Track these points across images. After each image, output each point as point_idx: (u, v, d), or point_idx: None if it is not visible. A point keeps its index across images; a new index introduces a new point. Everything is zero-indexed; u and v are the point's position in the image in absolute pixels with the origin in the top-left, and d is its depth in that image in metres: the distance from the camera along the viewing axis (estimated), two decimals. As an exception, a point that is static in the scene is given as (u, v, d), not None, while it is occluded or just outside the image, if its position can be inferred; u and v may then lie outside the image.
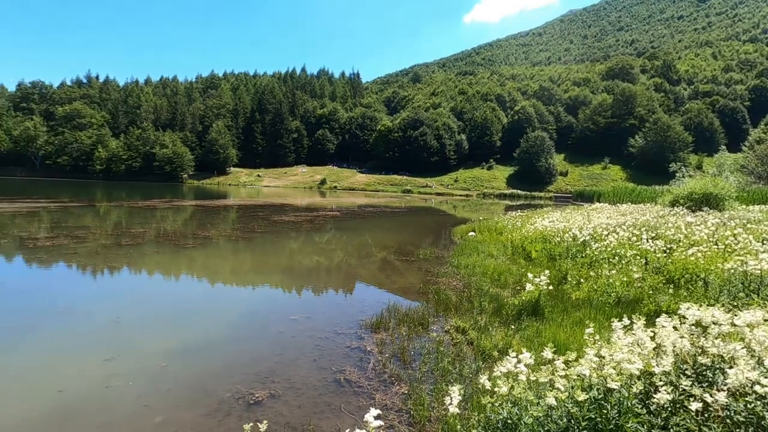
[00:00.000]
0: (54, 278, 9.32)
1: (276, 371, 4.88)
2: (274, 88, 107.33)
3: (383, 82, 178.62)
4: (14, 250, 11.90)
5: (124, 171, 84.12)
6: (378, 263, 12.14)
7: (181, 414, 3.97)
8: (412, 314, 6.72)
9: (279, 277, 10.11)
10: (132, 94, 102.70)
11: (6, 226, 16.76)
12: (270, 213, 26.00)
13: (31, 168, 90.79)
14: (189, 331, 6.28)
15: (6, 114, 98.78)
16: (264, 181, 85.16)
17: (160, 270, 10.47)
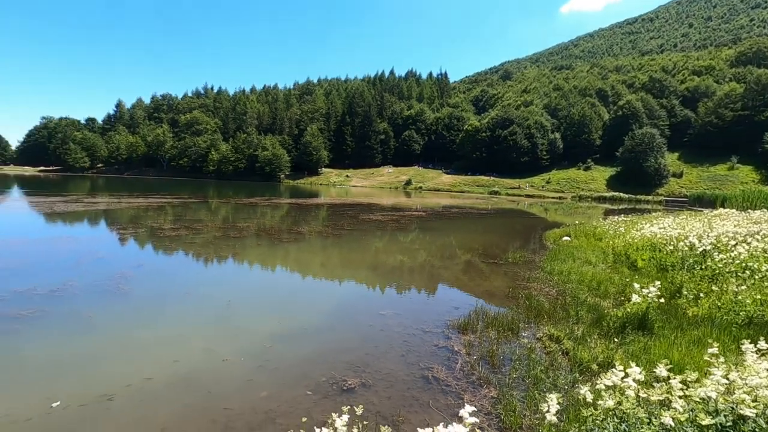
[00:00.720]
0: (178, 263, 10.76)
1: (366, 362, 5.09)
2: (363, 91, 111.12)
3: (471, 81, 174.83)
4: (148, 237, 13.96)
5: (232, 171, 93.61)
6: (462, 265, 11.96)
7: (283, 392, 4.35)
8: (501, 318, 6.52)
9: (365, 273, 10.48)
10: (240, 102, 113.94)
11: (141, 217, 19.71)
12: (358, 212, 27.01)
13: (159, 168, 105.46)
14: (288, 318, 6.82)
15: (143, 123, 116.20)
16: (352, 181, 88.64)
17: (261, 261, 11.49)
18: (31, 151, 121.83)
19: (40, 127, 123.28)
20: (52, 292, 7.40)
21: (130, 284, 8.16)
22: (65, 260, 10.02)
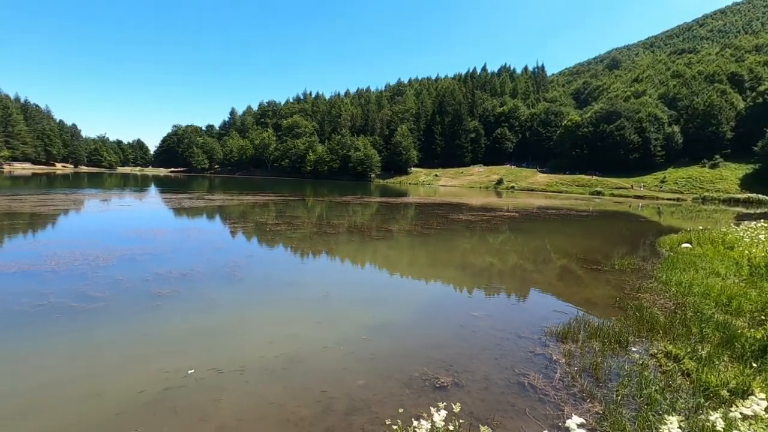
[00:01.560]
0: (280, 255, 11.74)
1: (459, 361, 5.08)
2: (454, 89, 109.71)
3: (571, 72, 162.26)
4: (255, 231, 15.46)
5: (326, 171, 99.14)
6: (557, 270, 11.21)
7: (378, 382, 4.54)
8: (607, 329, 6.00)
9: (453, 273, 10.38)
10: (335, 105, 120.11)
11: (249, 213, 21.87)
12: (446, 211, 26.79)
13: (264, 169, 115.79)
14: (380, 312, 7.07)
15: (251, 128, 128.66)
16: (441, 180, 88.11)
17: (353, 257, 12.02)
18: (164, 155, 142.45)
19: (171, 134, 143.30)
20: (183, 275, 8.61)
21: (243, 272, 9.15)
22: (192, 248, 11.55)
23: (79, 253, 10.22)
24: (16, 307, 6.40)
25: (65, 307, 6.51)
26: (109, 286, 7.62)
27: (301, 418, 3.88)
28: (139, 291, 7.46)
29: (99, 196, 30.42)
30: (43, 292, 7.14)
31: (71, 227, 15.39)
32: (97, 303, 6.73)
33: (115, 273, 8.57)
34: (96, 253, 10.28)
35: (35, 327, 5.77)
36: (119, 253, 10.49)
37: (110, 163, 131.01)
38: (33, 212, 18.71)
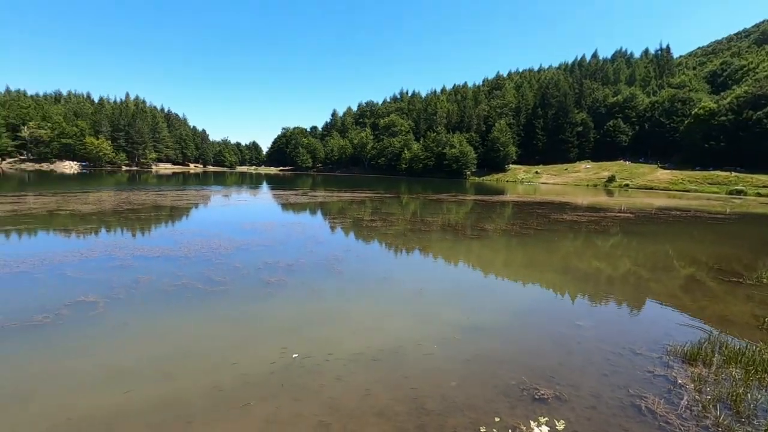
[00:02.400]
0: (376, 250, 12.09)
1: (561, 373, 4.71)
2: (558, 80, 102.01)
3: (705, 53, 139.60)
4: (352, 226, 16.15)
5: (421, 169, 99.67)
6: (681, 280, 9.74)
7: (472, 386, 4.42)
8: (752, 355, 5.05)
9: (554, 277, 9.65)
10: (431, 103, 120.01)
11: (347, 209, 22.94)
12: (548, 211, 25.08)
13: (362, 167, 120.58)
14: (475, 313, 6.88)
15: (351, 128, 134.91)
16: (542, 177, 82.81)
17: (446, 255, 11.87)
18: (275, 155, 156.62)
19: (281, 135, 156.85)
20: (289, 265, 9.36)
21: (341, 265, 9.64)
22: (297, 241, 12.50)
23: (206, 242, 11.72)
24: (159, 286, 7.57)
25: (194, 288, 7.51)
26: (229, 273, 8.60)
27: (395, 412, 3.95)
28: (253, 278, 8.30)
29: (222, 192, 34.57)
30: (178, 275, 8.34)
31: (200, 219, 17.72)
32: (219, 286, 7.64)
33: (234, 261, 9.64)
34: (219, 243, 11.69)
35: (173, 303, 6.77)
36: (237, 243, 11.78)
37: (231, 163, 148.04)
38: (172, 205, 21.98)
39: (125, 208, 19.80)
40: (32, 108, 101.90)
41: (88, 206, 20.48)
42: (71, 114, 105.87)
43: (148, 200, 24.33)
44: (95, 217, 16.59)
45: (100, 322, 5.91)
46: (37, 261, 9.04)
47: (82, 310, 6.25)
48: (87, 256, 9.75)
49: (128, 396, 4.13)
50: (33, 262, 8.96)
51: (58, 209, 18.78)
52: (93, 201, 23.10)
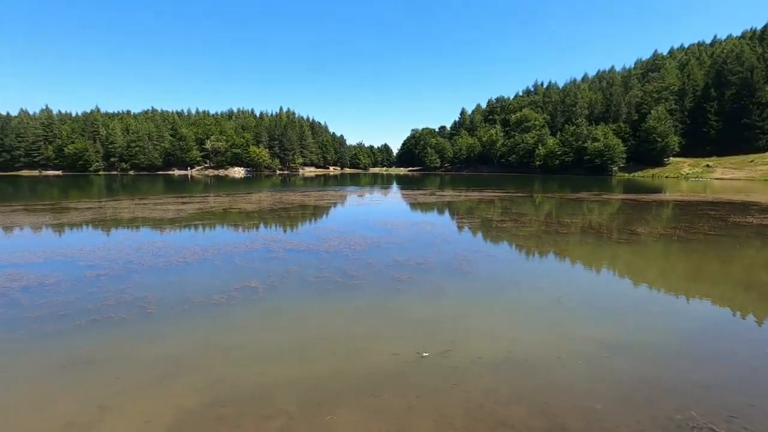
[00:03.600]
0: (506, 252, 11.54)
1: (749, 416, 3.80)
2: (741, 51, 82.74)
3: None
4: (481, 227, 15.72)
5: (557, 165, 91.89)
6: None
7: (622, 412, 3.89)
8: None
9: (729, 292, 7.85)
10: (569, 93, 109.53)
11: (475, 209, 22.43)
12: (724, 212, 20.60)
13: (491, 165, 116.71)
14: (625, 328, 6.04)
15: (480, 125, 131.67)
16: (715, 172, 68.53)
17: (587, 261, 10.68)
18: (404, 156, 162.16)
19: (410, 137, 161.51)
20: (419, 264, 9.58)
21: (470, 266, 9.48)
22: (425, 240, 12.72)
23: (343, 239, 12.75)
24: (305, 277, 8.52)
25: (333, 281, 8.24)
26: (363, 268, 9.20)
27: (528, 426, 3.71)
28: (385, 275, 8.73)
29: (356, 192, 37.21)
30: (320, 267, 9.25)
31: (338, 217, 19.37)
32: (355, 281, 8.24)
33: (367, 257, 10.28)
34: (354, 240, 12.60)
35: (315, 293, 7.54)
36: (370, 240, 12.54)
37: (365, 165, 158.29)
38: (315, 204, 24.51)
39: (278, 207, 22.80)
40: (213, 125, 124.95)
41: (251, 205, 24.17)
42: (239, 128, 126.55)
43: (296, 200, 27.57)
44: (256, 215, 19.48)
45: (260, 305, 6.92)
46: (216, 251, 11.03)
47: (247, 294, 7.40)
48: (250, 247, 11.51)
49: (277, 372, 4.75)
50: (213, 251, 10.96)
51: (229, 208, 22.60)
52: (254, 201, 27.17)
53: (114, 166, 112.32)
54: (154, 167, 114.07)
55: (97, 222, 17.00)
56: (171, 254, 10.52)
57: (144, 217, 18.31)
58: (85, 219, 17.73)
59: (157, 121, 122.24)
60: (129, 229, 15.15)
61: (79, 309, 6.57)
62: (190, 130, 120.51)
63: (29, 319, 6.19)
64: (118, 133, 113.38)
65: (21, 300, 7.01)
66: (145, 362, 4.96)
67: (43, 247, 11.47)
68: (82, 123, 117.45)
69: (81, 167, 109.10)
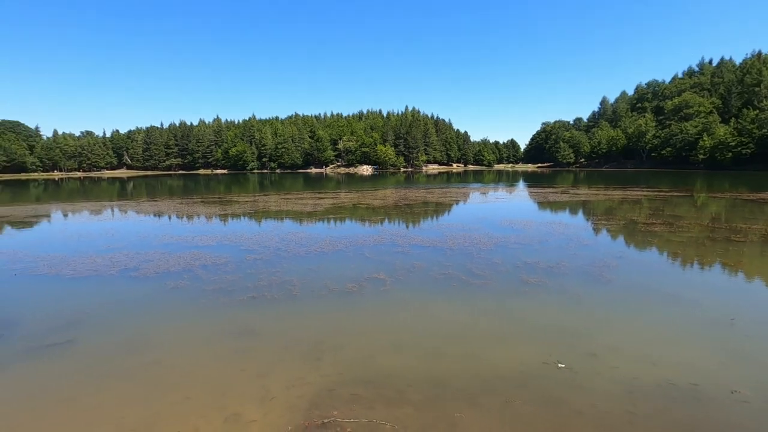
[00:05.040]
0: (656, 260, 9.95)
1: None
2: None
3: None
4: (624, 230, 13.88)
5: (729, 159, 75.90)
6: None
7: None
8: None
9: None
10: (750, 70, 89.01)
11: (617, 209, 19.89)
12: None
13: (638, 160, 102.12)
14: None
15: (624, 115, 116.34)
16: None
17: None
18: (533, 151, 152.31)
19: (540, 131, 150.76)
20: (550, 267, 8.94)
21: (611, 273, 8.48)
22: (557, 242, 11.78)
23: (467, 237, 12.59)
24: (430, 273, 8.66)
25: (458, 278, 8.20)
26: (489, 268, 8.96)
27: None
28: (512, 276, 8.37)
29: (480, 189, 36.28)
30: (445, 264, 9.30)
31: (461, 214, 19.18)
32: (480, 280, 8.07)
33: (493, 257, 9.98)
34: (479, 238, 12.34)
35: (440, 289, 7.61)
36: (495, 239, 12.13)
37: (489, 161, 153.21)
38: (438, 201, 24.67)
39: (403, 203, 23.56)
40: (345, 126, 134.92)
41: (377, 201, 25.48)
42: (368, 128, 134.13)
43: (420, 197, 28.12)
44: (382, 210, 20.46)
45: (388, 296, 7.27)
46: (347, 243, 11.94)
47: (376, 285, 7.85)
48: (378, 241, 12.15)
49: (404, 362, 4.93)
50: (345, 243, 11.88)
51: (358, 203, 24.18)
52: (380, 197, 28.55)
53: (265, 165, 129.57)
54: (296, 166, 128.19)
55: (253, 213, 19.88)
56: (310, 244, 11.74)
57: (288, 210, 20.77)
58: (244, 211, 20.90)
59: (299, 125, 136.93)
60: (276, 221, 17.36)
61: (242, 287, 7.79)
62: (326, 131, 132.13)
63: (207, 291, 7.57)
64: (269, 137, 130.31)
65: (201, 275, 8.62)
66: (292, 339, 5.65)
67: (215, 233, 13.90)
68: (242, 129, 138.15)
69: (240, 166, 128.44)
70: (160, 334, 5.90)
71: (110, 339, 5.70)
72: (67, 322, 6.22)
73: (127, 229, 15.23)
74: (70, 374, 4.79)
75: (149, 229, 15.42)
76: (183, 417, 3.88)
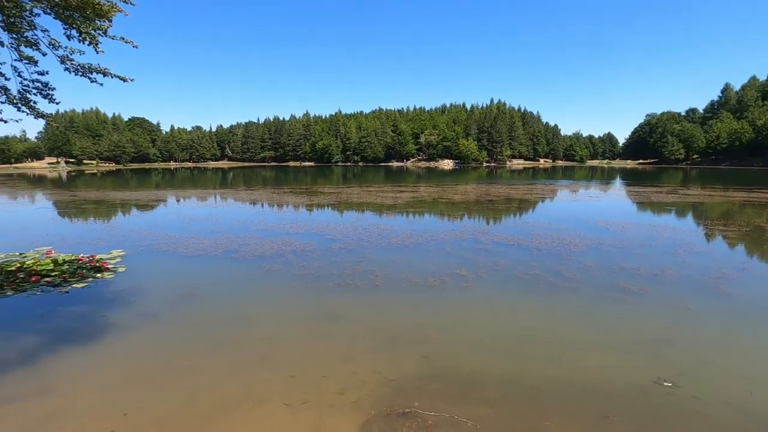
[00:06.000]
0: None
1: None
2: None
3: None
4: (747, 237, 11.96)
5: None
6: None
7: None
8: None
9: None
10: None
11: (737, 214, 17.21)
12: None
13: (766, 158, 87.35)
14: None
15: (752, 105, 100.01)
16: None
17: None
18: (633, 146, 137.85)
19: (643, 124, 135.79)
20: (653, 275, 8.05)
21: (731, 286, 7.38)
22: (663, 247, 10.56)
23: (556, 236, 11.83)
24: (514, 272, 8.32)
25: (545, 280, 7.76)
26: (581, 271, 8.34)
27: None
28: (607, 282, 7.70)
29: (569, 186, 33.81)
30: (531, 264, 8.86)
31: (548, 212, 18.08)
32: (571, 283, 7.55)
33: (585, 259, 9.26)
34: (568, 238, 11.53)
35: (525, 290, 7.27)
36: (588, 241, 11.24)
37: (581, 156, 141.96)
38: (522, 198, 23.52)
39: (485, 199, 22.88)
40: (427, 120, 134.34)
41: (458, 196, 25.05)
42: (451, 121, 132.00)
43: (503, 192, 27.06)
44: (463, 206, 20.07)
45: (470, 293, 7.13)
46: (428, 237, 11.92)
47: (457, 281, 7.74)
48: (459, 237, 11.96)
49: (484, 361, 4.80)
50: (426, 237, 11.87)
51: (439, 198, 23.99)
52: (461, 192, 28.01)
53: (349, 158, 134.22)
54: (378, 159, 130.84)
55: (337, 204, 20.75)
56: (391, 236, 11.93)
57: (369, 202, 21.32)
58: (329, 201, 21.91)
59: (383, 119, 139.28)
60: (358, 212, 17.92)
61: (328, 274, 8.20)
62: (408, 125, 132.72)
63: (297, 276, 8.08)
64: (353, 131, 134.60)
65: (292, 261, 9.23)
66: (374, 327, 5.81)
67: (302, 221, 14.78)
68: (328, 123, 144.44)
69: (326, 159, 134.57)
70: (258, 311, 6.45)
71: (218, 312, 6.37)
72: (183, 295, 7.08)
73: (228, 215, 16.85)
74: (187, 342, 5.45)
75: (246, 215, 16.87)
76: (286, 392, 4.21)
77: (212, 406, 3.94)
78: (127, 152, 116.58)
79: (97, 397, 4.09)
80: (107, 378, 4.48)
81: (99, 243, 11.11)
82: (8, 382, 4.35)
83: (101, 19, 5.90)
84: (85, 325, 5.80)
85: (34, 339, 5.36)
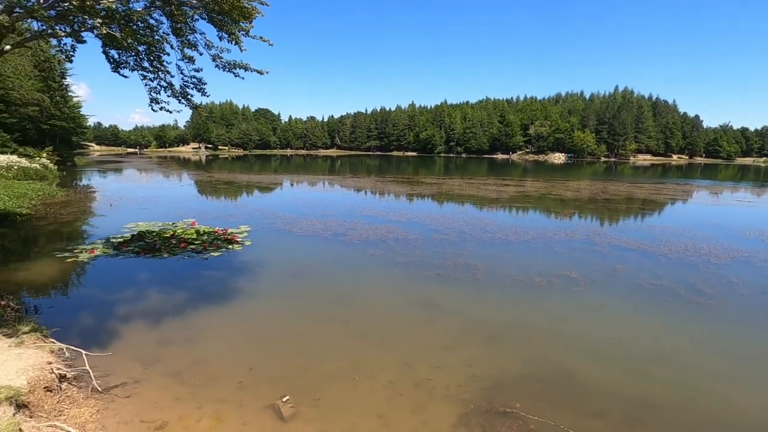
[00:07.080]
0: None
1: None
2: None
3: None
4: None
5: None
6: None
7: None
8: None
9: None
10: None
11: None
12: None
13: None
14: None
15: None
16: None
17: None
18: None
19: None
20: (826, 301, 6.56)
21: None
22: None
23: (690, 245, 10.28)
24: (636, 280, 7.46)
25: (675, 292, 6.81)
26: (721, 286, 7.15)
27: None
28: (756, 301, 6.50)
29: (712, 188, 28.89)
30: (657, 274, 7.85)
31: (680, 216, 15.76)
32: (708, 299, 6.52)
33: (729, 273, 7.91)
34: (707, 248, 9.93)
35: (649, 301, 6.48)
36: (735, 253, 9.55)
37: (728, 153, 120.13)
38: (648, 198, 20.80)
39: (601, 198, 20.76)
40: (538, 110, 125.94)
41: (569, 192, 23.14)
42: (565, 112, 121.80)
43: (623, 191, 24.26)
44: (575, 204, 18.50)
45: (581, 297, 6.61)
46: (535, 234, 11.27)
47: (567, 283, 7.22)
48: (570, 237, 11.09)
49: (598, 371, 4.42)
50: (532, 234, 11.25)
51: (547, 194, 22.45)
52: (573, 188, 25.80)
53: (452, 149, 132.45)
54: (482, 151, 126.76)
55: (438, 195, 20.71)
56: (494, 231, 11.55)
57: (471, 195, 20.84)
58: (430, 192, 21.97)
59: (489, 109, 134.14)
60: (460, 204, 17.65)
61: (429, 263, 8.28)
62: (516, 116, 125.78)
63: (399, 263, 8.32)
64: (458, 122, 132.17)
65: (394, 248, 9.51)
66: (474, 321, 5.74)
67: (405, 210, 15.08)
68: (433, 114, 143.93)
69: (429, 150, 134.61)
70: (362, 293, 6.82)
71: (327, 289, 6.90)
72: (297, 270, 7.80)
73: (335, 200, 17.94)
74: (300, 313, 6.02)
75: (352, 201, 17.79)
76: (387, 371, 4.43)
77: (321, 373, 4.31)
78: (253, 139, 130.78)
79: (229, 351, 4.76)
80: (237, 336, 5.17)
81: (230, 219, 12.73)
82: (166, 328, 5.28)
83: (245, 21, 6.68)
84: (220, 288, 6.74)
85: (183, 295, 6.40)
